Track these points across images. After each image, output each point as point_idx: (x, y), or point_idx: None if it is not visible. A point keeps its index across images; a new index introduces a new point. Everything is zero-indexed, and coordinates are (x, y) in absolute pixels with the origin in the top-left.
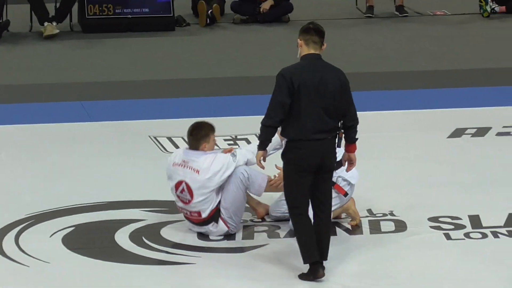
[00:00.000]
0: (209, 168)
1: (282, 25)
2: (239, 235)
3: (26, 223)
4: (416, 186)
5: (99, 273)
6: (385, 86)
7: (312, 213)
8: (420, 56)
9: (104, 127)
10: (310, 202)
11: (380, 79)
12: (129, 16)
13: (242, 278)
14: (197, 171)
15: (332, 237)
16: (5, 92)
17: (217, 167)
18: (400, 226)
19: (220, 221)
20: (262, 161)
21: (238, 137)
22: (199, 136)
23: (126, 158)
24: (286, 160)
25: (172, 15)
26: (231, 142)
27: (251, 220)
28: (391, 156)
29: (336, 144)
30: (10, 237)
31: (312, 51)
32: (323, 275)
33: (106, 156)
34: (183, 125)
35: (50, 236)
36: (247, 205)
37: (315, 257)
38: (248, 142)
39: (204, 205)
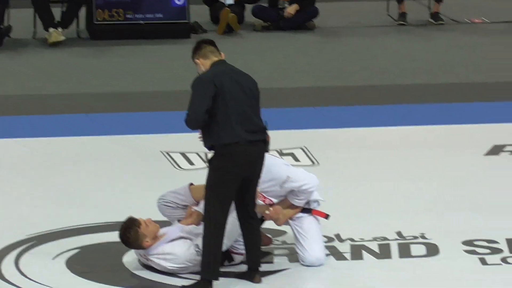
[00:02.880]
0: (168, 268)
1: (308, 32)
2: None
3: (27, 245)
4: (449, 208)
5: None
6: (419, 99)
7: (238, 222)
8: (457, 67)
9: (113, 141)
10: (236, 210)
11: (413, 91)
12: (141, 22)
13: None
14: (160, 265)
15: (358, 262)
16: (7, 103)
17: (178, 262)
18: (432, 249)
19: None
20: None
21: None
22: (131, 241)
23: (136, 175)
24: (215, 167)
25: (187, 21)
26: None
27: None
28: (422, 175)
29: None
30: (9, 259)
31: (215, 59)
32: (260, 280)
33: (114, 173)
34: (197, 139)
35: (53, 259)
36: None
37: (216, 276)
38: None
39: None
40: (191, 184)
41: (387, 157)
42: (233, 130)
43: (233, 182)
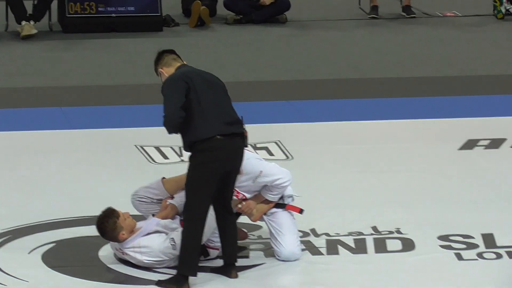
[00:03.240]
0: (143, 261)
1: (279, 26)
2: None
3: (2, 239)
4: (424, 202)
5: None
6: (390, 93)
7: (214, 216)
8: (428, 60)
9: (86, 135)
10: (213, 205)
11: (385, 85)
12: (113, 15)
13: None
14: (135, 258)
15: (334, 256)
16: None
17: (153, 256)
18: (408, 245)
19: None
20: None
21: None
22: (108, 231)
23: (110, 169)
24: (195, 164)
25: (159, 14)
26: None
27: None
28: (397, 169)
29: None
30: None
31: (178, 64)
32: (237, 275)
33: (89, 166)
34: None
35: (29, 253)
36: None
37: (194, 271)
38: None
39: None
40: (163, 178)
41: (361, 151)
42: (209, 124)
43: (213, 177)
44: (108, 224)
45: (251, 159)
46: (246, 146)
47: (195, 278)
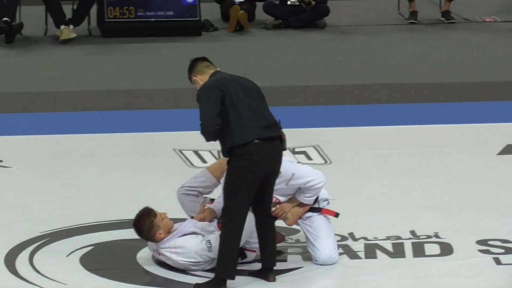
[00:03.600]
0: (178, 262)
1: (318, 31)
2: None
3: (41, 242)
4: (463, 207)
5: None
6: (429, 98)
7: (252, 218)
8: (467, 66)
9: (125, 139)
10: (252, 209)
11: (423, 90)
12: (152, 19)
13: None
14: (171, 259)
15: (371, 260)
16: (18, 101)
17: (189, 256)
18: (446, 249)
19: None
20: None
21: None
22: (145, 229)
23: (148, 173)
24: (234, 169)
25: (198, 18)
26: None
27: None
28: (435, 174)
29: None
30: (23, 256)
31: (212, 71)
32: (275, 279)
33: (127, 170)
34: None
35: (67, 256)
36: None
37: (232, 275)
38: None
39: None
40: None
41: (399, 156)
42: (247, 128)
43: (252, 181)
44: (145, 222)
45: (283, 162)
46: (285, 149)
47: (233, 282)
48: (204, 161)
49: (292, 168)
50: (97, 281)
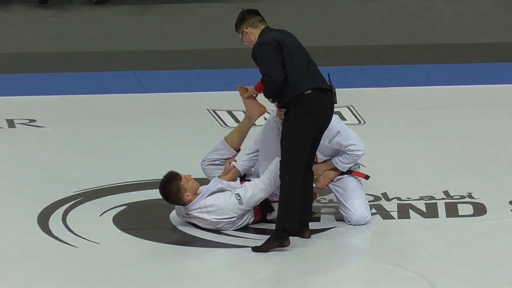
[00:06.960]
0: (211, 221)
1: None
2: None
3: (74, 201)
4: (497, 168)
5: (152, 255)
6: (465, 59)
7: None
8: (504, 27)
9: (159, 99)
10: None
11: (457, 51)
12: None
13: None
14: (203, 219)
15: (405, 220)
16: (52, 61)
17: (221, 213)
18: (479, 209)
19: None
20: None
21: None
22: (172, 193)
23: (182, 132)
24: (293, 119)
25: None
26: None
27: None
28: (470, 134)
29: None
30: (57, 216)
31: (263, 27)
32: (310, 236)
33: (161, 130)
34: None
35: (100, 216)
36: None
37: (296, 226)
38: None
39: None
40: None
41: (433, 116)
42: (304, 79)
43: (310, 130)
44: (172, 187)
45: (333, 118)
46: (336, 102)
47: (264, 237)
48: (237, 121)
49: (339, 125)
50: (130, 240)
